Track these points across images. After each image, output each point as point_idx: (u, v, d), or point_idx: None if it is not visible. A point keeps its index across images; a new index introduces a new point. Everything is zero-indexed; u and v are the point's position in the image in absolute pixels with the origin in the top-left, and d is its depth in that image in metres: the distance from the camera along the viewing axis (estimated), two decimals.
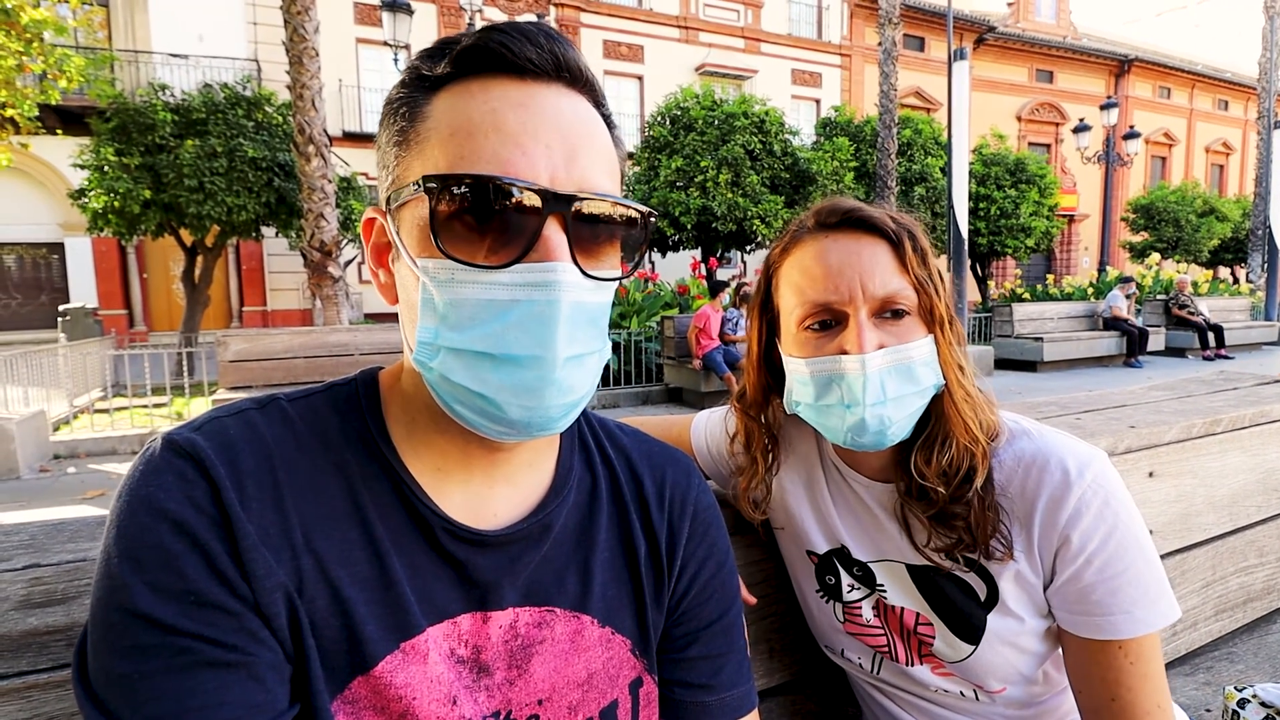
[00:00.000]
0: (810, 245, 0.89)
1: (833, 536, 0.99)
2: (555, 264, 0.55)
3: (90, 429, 7.19)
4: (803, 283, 0.88)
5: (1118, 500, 0.84)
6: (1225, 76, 32.41)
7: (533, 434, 0.59)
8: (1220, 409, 1.60)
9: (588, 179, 0.57)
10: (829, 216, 0.89)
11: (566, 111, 0.58)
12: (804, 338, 0.89)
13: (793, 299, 0.89)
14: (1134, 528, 0.84)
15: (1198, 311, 12.86)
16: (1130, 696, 0.81)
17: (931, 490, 0.86)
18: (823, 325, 0.87)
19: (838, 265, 0.85)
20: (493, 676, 0.63)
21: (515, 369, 0.55)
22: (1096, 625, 0.82)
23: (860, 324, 0.83)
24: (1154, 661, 0.82)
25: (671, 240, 13.69)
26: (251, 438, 0.58)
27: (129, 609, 0.50)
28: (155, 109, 10.01)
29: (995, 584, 0.88)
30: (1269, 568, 1.65)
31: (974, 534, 0.85)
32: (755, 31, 22.46)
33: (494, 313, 0.55)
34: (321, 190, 8.09)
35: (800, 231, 0.92)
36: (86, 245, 15.64)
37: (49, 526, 0.84)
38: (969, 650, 0.91)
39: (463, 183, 0.54)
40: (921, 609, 0.94)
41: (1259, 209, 18.23)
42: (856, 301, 0.84)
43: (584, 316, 0.57)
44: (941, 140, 15.39)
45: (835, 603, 1.00)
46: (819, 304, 0.86)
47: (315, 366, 7.01)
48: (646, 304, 10.49)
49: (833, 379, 0.85)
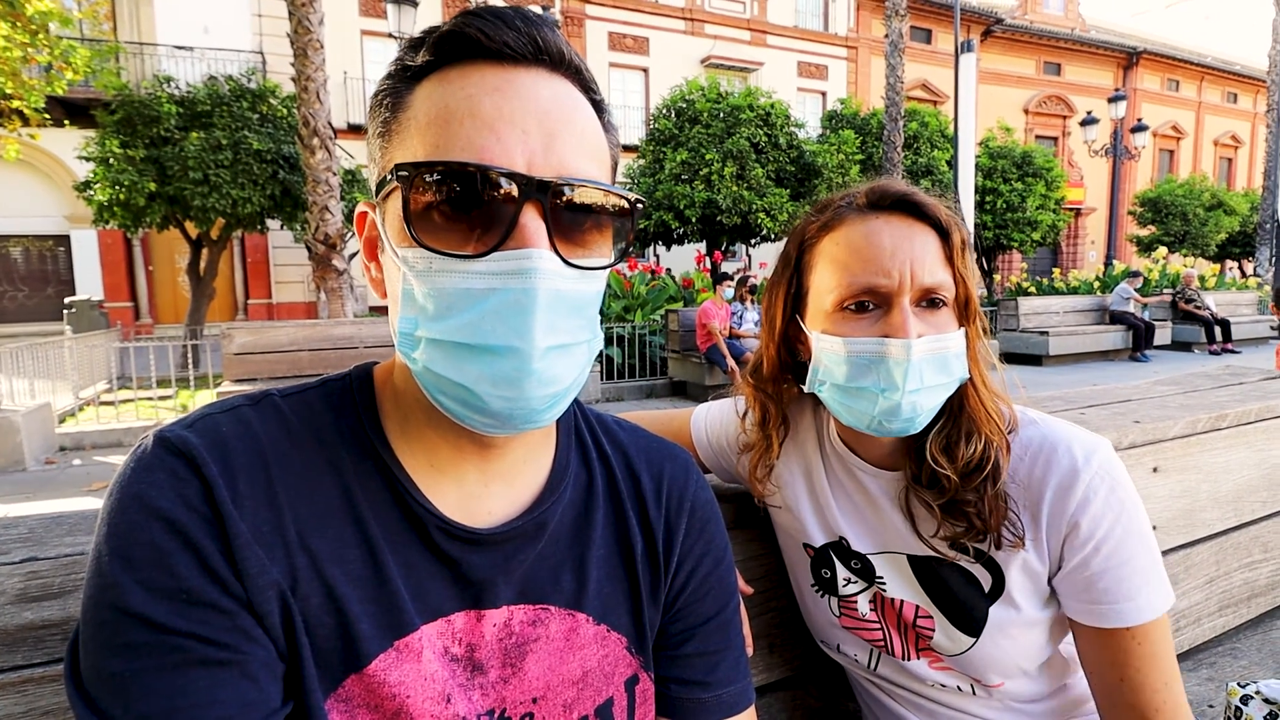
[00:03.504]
0: (859, 224, 0.86)
1: (830, 529, 0.98)
2: (531, 250, 0.53)
3: (96, 421, 7.23)
4: (850, 262, 0.85)
5: (1123, 488, 0.85)
6: (1235, 69, 32.17)
7: (518, 426, 0.58)
8: (1225, 404, 1.59)
9: (567, 164, 0.55)
10: (882, 197, 0.87)
11: (545, 95, 0.56)
12: (840, 317, 0.86)
13: (833, 278, 0.86)
14: (1138, 516, 0.85)
15: (1204, 305, 12.79)
16: (1139, 677, 0.83)
17: (944, 478, 0.86)
18: (860, 307, 0.85)
19: (890, 248, 0.83)
20: (487, 675, 0.63)
21: (492, 359, 0.54)
22: (1103, 614, 0.83)
23: (905, 310, 0.82)
24: (1162, 642, 0.83)
25: (676, 233, 13.66)
26: (244, 434, 0.58)
27: (120, 607, 0.50)
28: (160, 101, 10.04)
29: (1002, 574, 0.88)
30: (1273, 563, 1.64)
31: (985, 521, 0.85)
32: (761, 23, 22.36)
33: (471, 302, 0.53)
34: (326, 183, 8.09)
35: (845, 209, 0.88)
36: (92, 238, 15.69)
37: (48, 519, 0.84)
38: (969, 643, 0.90)
39: (435, 170, 0.53)
40: (921, 601, 0.93)
41: (1267, 202, 18.13)
42: (904, 287, 0.82)
43: (565, 305, 0.55)
44: (948, 133, 15.32)
45: (830, 597, 1.00)
46: (866, 286, 0.83)
47: (320, 359, 7.01)
48: (651, 297, 10.48)
49: (872, 362, 0.83)
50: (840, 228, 0.87)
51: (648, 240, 14.17)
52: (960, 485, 0.85)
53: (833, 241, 0.88)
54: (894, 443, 0.92)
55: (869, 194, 0.88)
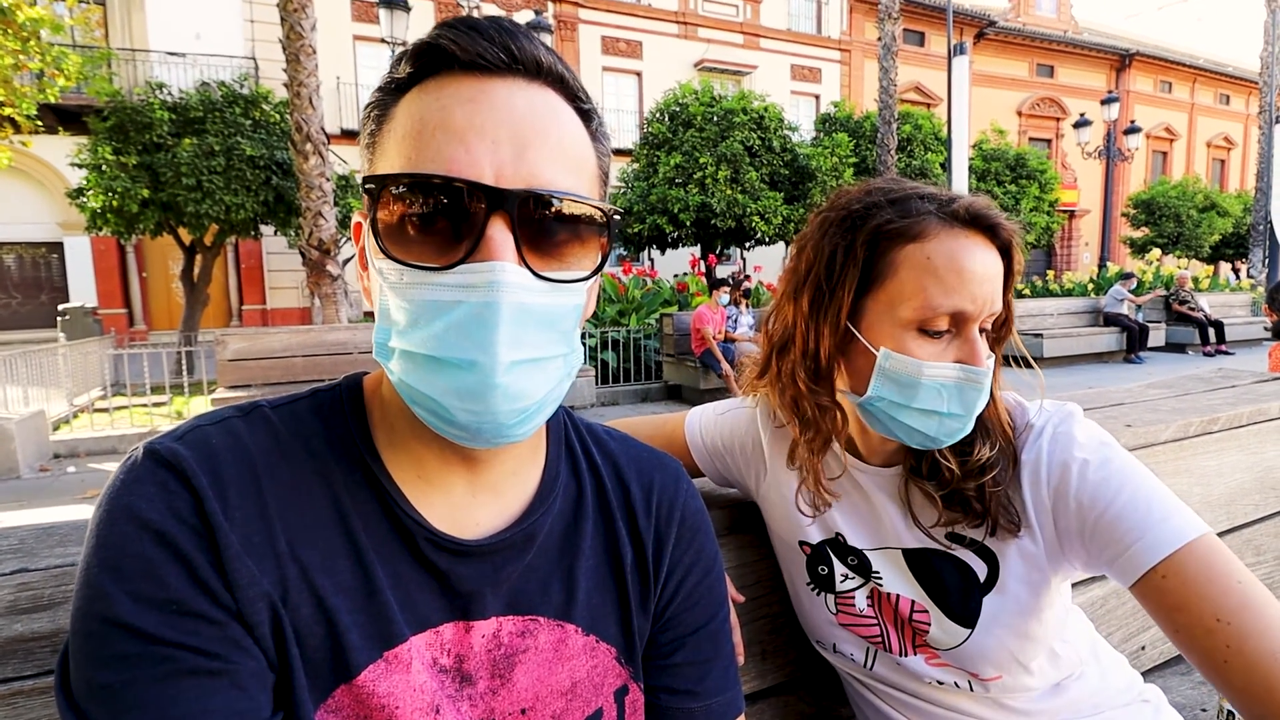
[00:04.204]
0: (949, 239, 0.81)
1: (827, 526, 0.98)
2: (494, 263, 0.52)
3: (90, 428, 7.18)
4: (944, 279, 0.80)
5: (1087, 436, 0.85)
6: (1227, 71, 32.33)
7: (490, 440, 0.57)
8: (1217, 407, 1.59)
9: (539, 175, 0.54)
10: (967, 213, 0.82)
11: (520, 105, 0.55)
12: (912, 335, 0.82)
13: (919, 293, 0.81)
14: (1115, 459, 0.83)
15: (1198, 307, 12.83)
16: (1184, 618, 0.73)
17: (945, 469, 0.86)
18: (933, 330, 0.81)
19: (980, 273, 0.80)
20: (475, 686, 0.63)
21: (456, 372, 0.53)
22: (1121, 565, 0.78)
23: (976, 338, 0.81)
24: (1209, 568, 0.73)
25: (670, 237, 13.66)
26: (234, 446, 0.58)
27: (109, 618, 0.50)
28: (153, 108, 10.00)
29: (997, 563, 0.88)
30: (1267, 565, 1.64)
31: (986, 507, 0.85)
32: (754, 27, 22.41)
33: (436, 314, 0.53)
34: (319, 188, 8.07)
35: (930, 217, 0.82)
36: (85, 244, 15.62)
37: (39, 530, 0.84)
38: (964, 635, 0.90)
39: (400, 183, 0.53)
40: (917, 596, 0.94)
41: (1260, 204, 18.20)
42: (982, 314, 0.81)
43: (533, 319, 0.55)
44: (941, 136, 15.36)
45: (827, 594, 1.00)
46: (955, 309, 0.80)
47: (314, 365, 7.01)
48: (645, 301, 10.48)
49: (943, 387, 0.81)
50: (930, 239, 0.81)
51: (642, 244, 14.18)
52: (962, 477, 0.86)
53: (923, 252, 0.81)
54: (893, 441, 0.91)
55: (961, 209, 0.82)
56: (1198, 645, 0.72)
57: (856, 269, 0.84)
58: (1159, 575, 0.75)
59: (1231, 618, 0.70)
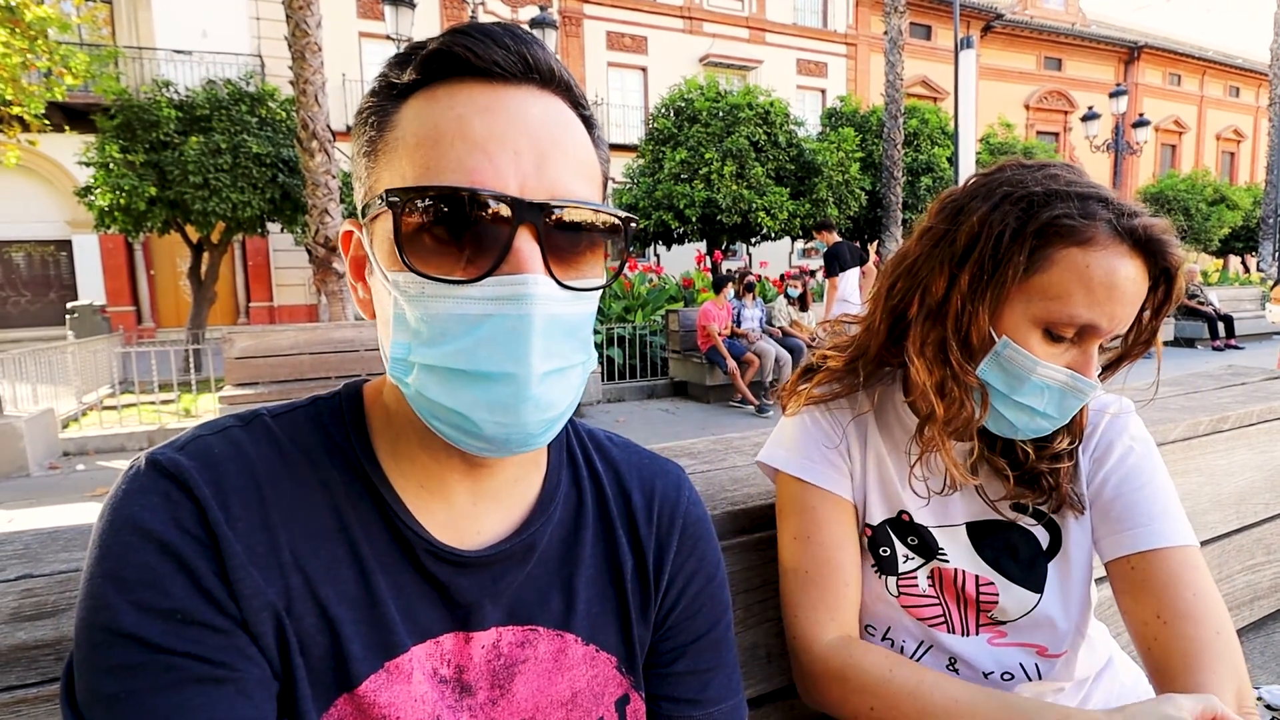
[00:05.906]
0: (1112, 254, 0.78)
1: (892, 504, 0.97)
2: (527, 276, 0.52)
3: (99, 426, 7.24)
4: (1094, 290, 0.78)
5: (1138, 429, 0.95)
6: (1236, 62, 32.09)
7: (513, 450, 0.57)
8: (1227, 406, 1.58)
9: (560, 185, 0.54)
10: (1144, 234, 0.78)
11: (536, 115, 0.55)
12: (1033, 332, 0.81)
13: (1062, 298, 0.78)
14: (1152, 455, 0.93)
15: (1208, 301, 12.75)
16: (1185, 607, 0.82)
17: (1021, 450, 0.91)
18: (1058, 334, 0.81)
19: (1129, 295, 0.78)
20: (475, 696, 0.63)
21: (489, 385, 0.53)
22: (1108, 542, 0.89)
23: (1094, 352, 0.81)
24: (1171, 575, 0.84)
25: (676, 233, 13.66)
26: (236, 455, 0.57)
27: (113, 628, 0.50)
28: (159, 106, 10.05)
29: (1058, 530, 0.93)
30: (1276, 565, 1.63)
31: (1059, 487, 0.91)
32: (760, 21, 22.34)
33: (465, 328, 0.52)
34: (326, 186, 8.09)
35: (1102, 226, 0.78)
36: (94, 243, 15.72)
37: (44, 535, 0.84)
38: (1034, 600, 0.93)
39: (426, 195, 0.52)
40: (981, 570, 0.95)
41: (1270, 197, 18.08)
42: (1111, 333, 0.80)
43: (560, 329, 0.55)
44: (948, 130, 15.29)
45: (889, 577, 0.98)
46: (1089, 322, 0.78)
47: (321, 363, 7.02)
48: (651, 297, 10.47)
49: (1048, 388, 0.82)
50: (1096, 249, 0.78)
51: (648, 240, 14.17)
52: (1036, 460, 0.91)
53: (1085, 259, 0.78)
54: None
55: (1138, 229, 0.78)
56: (1135, 629, 0.86)
57: (1023, 257, 0.80)
58: (1129, 564, 0.86)
59: (1169, 619, 0.82)
